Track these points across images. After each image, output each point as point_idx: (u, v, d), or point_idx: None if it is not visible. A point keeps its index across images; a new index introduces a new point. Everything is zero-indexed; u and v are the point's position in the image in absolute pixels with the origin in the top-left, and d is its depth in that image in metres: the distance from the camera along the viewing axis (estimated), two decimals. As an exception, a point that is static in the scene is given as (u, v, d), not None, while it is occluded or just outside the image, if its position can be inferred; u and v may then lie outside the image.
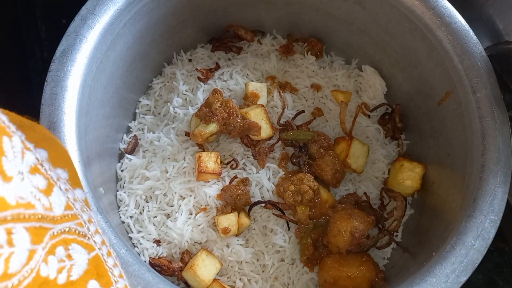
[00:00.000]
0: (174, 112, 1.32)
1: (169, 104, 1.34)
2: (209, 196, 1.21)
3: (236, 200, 1.18)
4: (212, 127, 1.18)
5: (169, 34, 1.34)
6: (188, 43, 1.45)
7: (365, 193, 1.30)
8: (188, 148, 1.27)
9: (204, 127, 1.18)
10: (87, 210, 0.73)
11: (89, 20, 1.05)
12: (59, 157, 0.71)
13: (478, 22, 1.17)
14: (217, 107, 1.20)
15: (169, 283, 0.94)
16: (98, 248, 0.70)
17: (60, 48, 1.02)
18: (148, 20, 1.22)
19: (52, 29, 1.57)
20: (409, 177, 1.26)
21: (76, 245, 0.66)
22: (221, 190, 1.21)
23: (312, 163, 1.25)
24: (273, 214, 1.22)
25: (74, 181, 0.74)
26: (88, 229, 0.70)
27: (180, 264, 1.17)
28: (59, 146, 0.74)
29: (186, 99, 1.36)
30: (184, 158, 1.25)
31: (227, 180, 1.24)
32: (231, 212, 1.18)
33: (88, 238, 0.69)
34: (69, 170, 0.73)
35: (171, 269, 1.15)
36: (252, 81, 1.37)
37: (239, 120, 1.21)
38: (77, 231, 0.66)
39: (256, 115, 1.23)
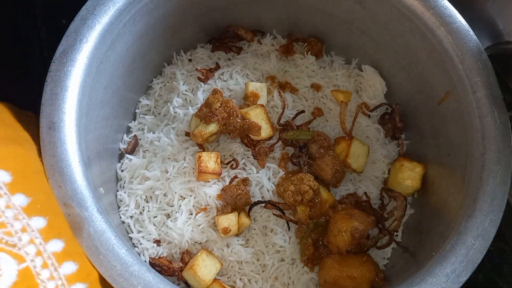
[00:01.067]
0: (174, 112, 1.32)
1: (169, 104, 1.34)
2: (209, 196, 1.21)
3: (236, 200, 1.18)
4: (212, 127, 1.18)
5: (169, 34, 1.34)
6: (188, 43, 1.45)
7: (365, 193, 1.30)
8: (188, 148, 1.27)
9: (204, 127, 1.18)
10: (23, 218, 0.69)
11: (89, 20, 1.05)
12: (9, 158, 0.68)
13: (478, 22, 1.17)
14: (217, 107, 1.19)
15: (169, 283, 0.94)
16: (30, 260, 0.67)
17: (60, 48, 1.02)
18: (148, 20, 1.22)
19: (52, 29, 1.56)
20: (409, 177, 1.26)
21: (5, 254, 0.62)
22: (221, 190, 1.21)
23: (312, 163, 1.25)
24: (273, 214, 1.22)
25: (17, 186, 0.70)
26: (20, 238, 0.66)
27: (180, 264, 1.17)
28: (20, 145, 0.71)
29: (186, 99, 1.36)
30: (184, 158, 1.25)
31: (227, 180, 1.24)
32: (231, 212, 1.18)
33: (19, 248, 0.65)
34: (15, 173, 0.69)
35: (171, 269, 1.15)
36: (252, 81, 1.37)
37: (239, 120, 1.21)
38: (4, 240, 0.63)
39: (256, 115, 1.23)
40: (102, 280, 0.89)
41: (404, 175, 1.27)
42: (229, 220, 1.15)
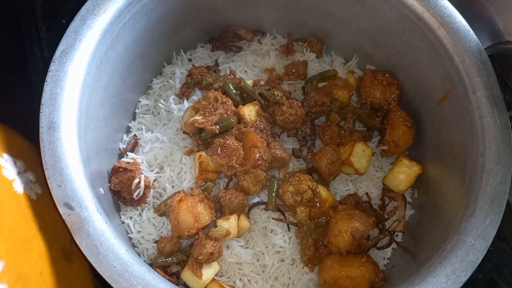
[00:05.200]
0: (169, 109, 1.32)
1: (163, 101, 1.35)
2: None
3: (230, 205, 1.17)
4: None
5: (169, 34, 1.34)
6: (188, 43, 1.45)
7: (366, 194, 1.30)
8: (186, 147, 1.27)
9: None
10: None
11: (89, 20, 1.05)
12: None
13: (478, 22, 1.17)
14: (217, 103, 1.21)
15: (170, 283, 0.94)
16: None
17: (60, 48, 1.02)
18: (148, 20, 1.22)
19: (52, 29, 1.57)
20: (404, 172, 1.27)
21: None
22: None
23: (314, 154, 1.27)
24: (273, 218, 1.22)
25: None
26: None
27: (179, 267, 1.16)
28: None
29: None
30: (181, 157, 1.26)
31: (223, 184, 1.24)
32: (231, 215, 1.17)
33: None
34: None
35: (166, 279, 1.14)
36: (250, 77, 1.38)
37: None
38: None
39: (250, 111, 1.23)
40: None
41: (400, 169, 1.28)
42: (229, 224, 1.15)
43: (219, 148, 1.16)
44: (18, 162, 1.03)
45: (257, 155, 1.16)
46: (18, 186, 0.99)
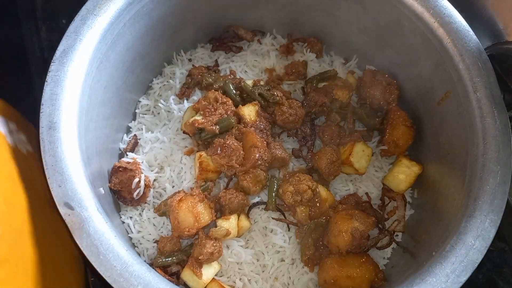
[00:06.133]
0: (169, 109, 1.32)
1: (163, 101, 1.35)
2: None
3: (230, 205, 1.17)
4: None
5: (169, 34, 1.34)
6: (188, 43, 1.45)
7: (366, 194, 1.30)
8: (186, 147, 1.27)
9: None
10: None
11: (89, 20, 1.05)
12: None
13: (478, 22, 1.17)
14: (218, 103, 1.21)
15: (170, 283, 0.94)
16: None
17: (60, 48, 1.02)
18: (148, 20, 1.22)
19: (52, 29, 1.57)
20: (404, 172, 1.27)
21: None
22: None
23: (314, 154, 1.27)
24: (273, 218, 1.22)
25: None
26: None
27: (179, 267, 1.16)
28: None
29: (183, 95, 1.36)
30: (181, 157, 1.26)
31: (223, 184, 1.24)
32: (231, 215, 1.17)
33: None
34: None
35: (166, 279, 1.14)
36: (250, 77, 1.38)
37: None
38: None
39: (250, 111, 1.23)
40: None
41: (400, 169, 1.28)
42: (229, 223, 1.15)
43: (219, 148, 1.16)
44: (11, 124, 1.03)
45: (257, 155, 1.16)
46: (10, 140, 0.99)
